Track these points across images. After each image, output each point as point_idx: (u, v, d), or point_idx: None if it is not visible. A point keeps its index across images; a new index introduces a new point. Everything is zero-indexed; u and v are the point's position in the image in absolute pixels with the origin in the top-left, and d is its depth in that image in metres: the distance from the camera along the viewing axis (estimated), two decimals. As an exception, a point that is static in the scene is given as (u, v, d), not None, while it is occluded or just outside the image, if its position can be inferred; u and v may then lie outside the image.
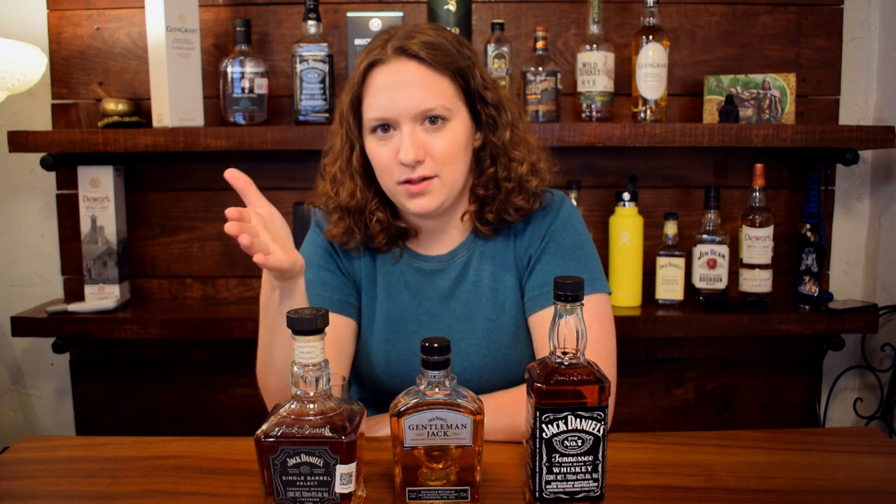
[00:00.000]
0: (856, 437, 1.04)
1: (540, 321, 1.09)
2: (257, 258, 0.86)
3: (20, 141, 1.59)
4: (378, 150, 1.07)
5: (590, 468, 0.78)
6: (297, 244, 1.76)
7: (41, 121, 1.78)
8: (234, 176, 0.92)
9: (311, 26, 1.63)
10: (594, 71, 1.63)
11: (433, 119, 1.04)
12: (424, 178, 1.05)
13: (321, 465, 0.74)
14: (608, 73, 1.64)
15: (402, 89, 1.03)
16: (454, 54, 1.06)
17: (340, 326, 1.15)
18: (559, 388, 0.76)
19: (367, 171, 1.12)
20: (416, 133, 1.04)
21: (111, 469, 0.93)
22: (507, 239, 1.15)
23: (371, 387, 1.19)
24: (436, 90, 1.04)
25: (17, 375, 1.89)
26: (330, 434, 0.74)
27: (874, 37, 1.79)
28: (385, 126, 1.05)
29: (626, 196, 1.69)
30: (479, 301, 1.13)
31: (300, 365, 0.76)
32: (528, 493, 0.81)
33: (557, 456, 0.77)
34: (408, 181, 1.05)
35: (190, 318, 1.65)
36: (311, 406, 0.77)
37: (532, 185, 1.12)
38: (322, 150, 1.54)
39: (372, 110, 1.06)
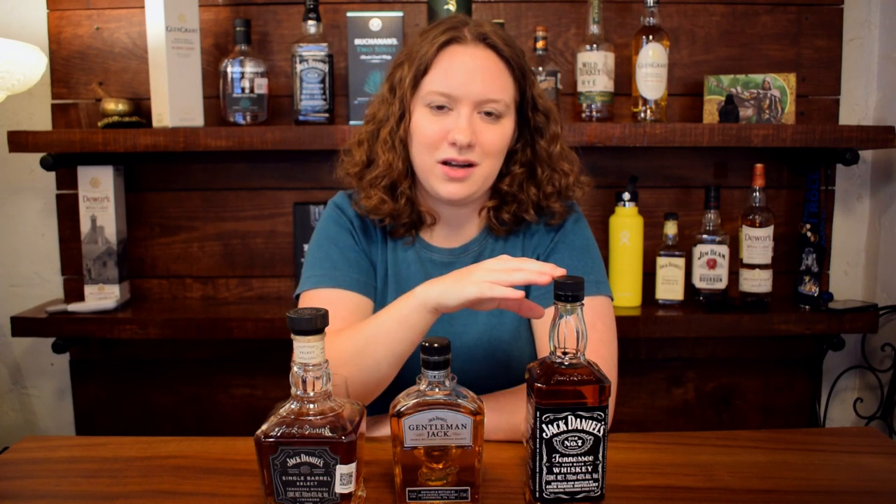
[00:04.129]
0: (856, 437, 1.04)
1: (542, 321, 1.10)
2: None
3: (20, 141, 1.59)
4: (428, 124, 1.07)
5: (590, 468, 0.78)
6: (298, 244, 1.77)
7: (41, 121, 1.78)
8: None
9: (311, 26, 1.63)
10: (594, 71, 1.63)
11: (489, 112, 1.07)
12: (469, 165, 1.06)
13: (321, 465, 0.74)
14: (608, 73, 1.64)
15: (475, 74, 1.06)
16: (523, 58, 1.11)
17: (364, 307, 1.14)
18: (559, 388, 0.76)
19: (408, 144, 1.13)
20: (473, 118, 1.06)
21: (111, 469, 0.93)
22: (517, 239, 1.17)
23: None
24: (503, 84, 1.08)
25: (17, 375, 1.89)
26: (330, 434, 0.74)
27: (874, 37, 1.79)
28: (441, 105, 1.06)
29: (626, 196, 1.69)
30: None
31: (300, 365, 0.76)
32: (528, 493, 0.81)
33: (557, 456, 0.77)
34: (448, 163, 1.06)
35: (190, 318, 1.65)
36: (311, 406, 0.77)
37: (577, 195, 1.17)
38: (321, 149, 1.55)
39: (437, 84, 1.06)
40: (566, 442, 0.77)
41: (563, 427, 0.77)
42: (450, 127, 1.05)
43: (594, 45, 1.63)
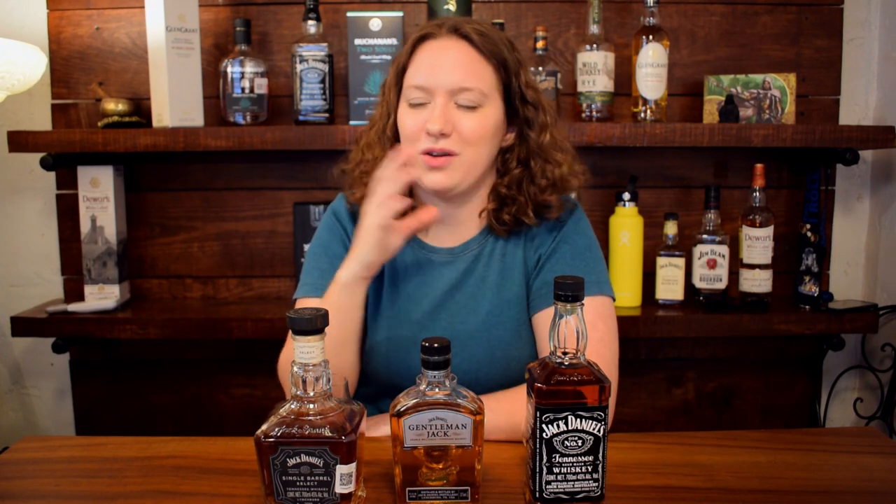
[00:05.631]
0: (856, 437, 1.04)
1: (544, 320, 1.10)
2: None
3: (20, 141, 1.59)
4: (409, 118, 1.09)
5: (590, 468, 0.78)
6: (298, 244, 1.76)
7: (41, 121, 1.78)
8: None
9: (311, 26, 1.63)
10: (594, 71, 1.63)
11: (466, 101, 1.07)
12: (446, 154, 1.07)
13: (321, 465, 0.74)
14: (608, 73, 1.64)
15: (446, 64, 1.07)
16: (502, 47, 1.11)
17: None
18: (559, 388, 0.76)
19: (398, 142, 1.14)
20: (449, 108, 1.07)
21: (111, 469, 0.93)
22: (519, 238, 1.17)
23: (371, 377, 1.19)
24: (477, 73, 1.08)
25: (17, 375, 1.89)
26: (330, 434, 0.74)
27: (874, 37, 1.79)
28: (420, 100, 1.08)
29: (626, 196, 1.69)
30: (483, 295, 1.14)
31: (300, 365, 0.76)
32: (528, 493, 0.81)
33: (558, 456, 0.77)
34: (429, 153, 1.07)
35: (190, 318, 1.65)
36: (311, 406, 0.77)
37: (573, 185, 1.16)
38: (321, 149, 1.55)
39: (412, 78, 1.09)
40: (566, 442, 0.77)
41: (563, 427, 0.76)
42: (427, 118, 1.07)
43: (594, 45, 1.63)
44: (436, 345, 0.77)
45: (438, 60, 1.08)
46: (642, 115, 1.63)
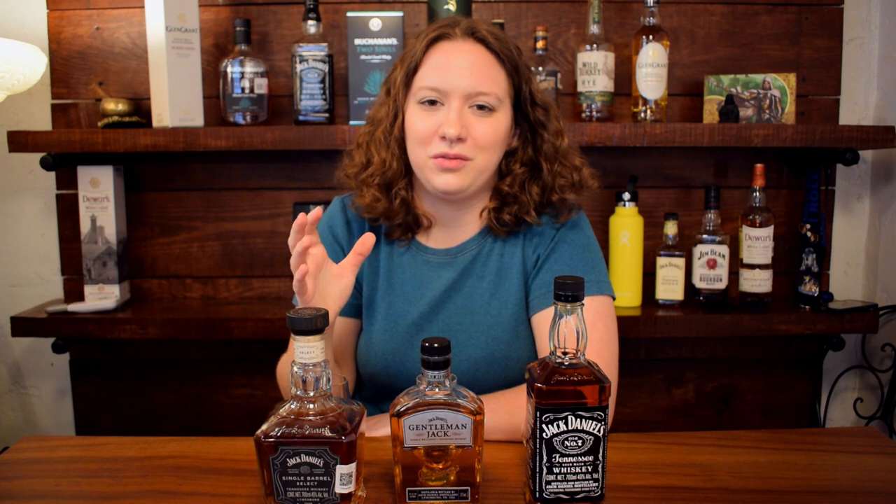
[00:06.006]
0: (856, 437, 1.04)
1: (543, 320, 1.10)
2: (302, 269, 0.91)
3: (20, 141, 1.59)
4: (420, 120, 1.08)
5: (590, 468, 0.78)
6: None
7: (41, 121, 1.78)
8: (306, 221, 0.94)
9: (311, 26, 1.63)
10: (594, 71, 1.63)
11: (481, 106, 1.06)
12: (459, 158, 1.06)
13: (321, 465, 0.74)
14: (608, 73, 1.64)
15: (463, 66, 1.06)
16: (515, 52, 1.10)
17: (347, 330, 1.16)
18: (559, 389, 0.76)
19: (405, 143, 1.13)
20: (464, 112, 1.06)
21: (111, 469, 0.93)
22: (517, 239, 1.17)
23: (369, 379, 1.19)
24: (493, 77, 1.07)
25: (17, 375, 1.89)
26: (330, 434, 0.74)
27: (874, 37, 1.79)
28: (433, 100, 1.07)
29: (626, 196, 1.69)
30: (481, 295, 1.15)
31: (300, 365, 0.76)
32: (528, 493, 0.81)
33: (558, 456, 0.77)
34: (442, 156, 1.06)
35: (190, 318, 1.65)
36: (311, 406, 0.77)
37: (594, 186, 1.17)
38: (321, 149, 1.55)
39: (427, 79, 1.07)
40: (566, 442, 0.77)
41: (563, 427, 0.77)
42: (441, 121, 1.05)
43: (594, 45, 1.63)
44: (436, 345, 0.77)
45: (455, 62, 1.06)
46: (642, 115, 1.63)
